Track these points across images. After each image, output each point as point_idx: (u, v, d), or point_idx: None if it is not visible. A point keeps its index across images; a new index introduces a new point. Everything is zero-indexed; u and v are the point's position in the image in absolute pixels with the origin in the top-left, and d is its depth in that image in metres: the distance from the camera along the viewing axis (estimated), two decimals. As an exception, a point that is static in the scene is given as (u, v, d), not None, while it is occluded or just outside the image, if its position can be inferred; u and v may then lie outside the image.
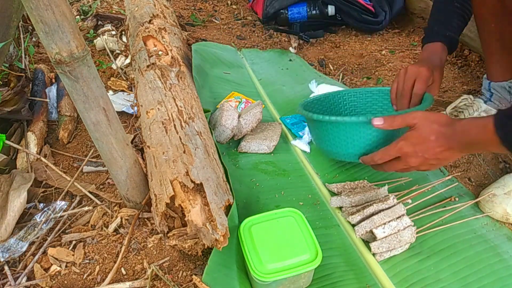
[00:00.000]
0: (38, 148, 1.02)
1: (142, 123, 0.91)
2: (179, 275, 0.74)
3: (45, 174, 0.95)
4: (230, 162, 1.00)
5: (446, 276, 0.74)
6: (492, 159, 1.03)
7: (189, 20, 1.82)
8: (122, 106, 1.19)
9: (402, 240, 0.76)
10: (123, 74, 1.37)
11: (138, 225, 0.83)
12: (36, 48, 1.44)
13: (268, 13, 1.74)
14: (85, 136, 1.11)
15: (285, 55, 1.58)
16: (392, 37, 1.71)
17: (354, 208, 0.83)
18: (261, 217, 0.73)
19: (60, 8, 0.55)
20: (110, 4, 1.80)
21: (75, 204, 0.89)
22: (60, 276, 0.74)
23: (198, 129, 0.87)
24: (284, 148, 1.07)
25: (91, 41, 1.55)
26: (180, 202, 0.69)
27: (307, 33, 1.69)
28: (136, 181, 0.81)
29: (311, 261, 0.66)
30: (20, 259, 0.78)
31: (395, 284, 0.73)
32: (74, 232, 0.83)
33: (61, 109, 1.14)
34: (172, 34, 1.23)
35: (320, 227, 0.84)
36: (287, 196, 0.91)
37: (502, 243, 0.80)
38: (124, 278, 0.74)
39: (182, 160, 0.75)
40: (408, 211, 0.80)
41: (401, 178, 0.94)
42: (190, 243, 0.72)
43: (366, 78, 1.43)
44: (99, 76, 0.66)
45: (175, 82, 0.99)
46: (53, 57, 0.59)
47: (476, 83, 1.36)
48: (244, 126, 1.04)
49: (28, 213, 0.86)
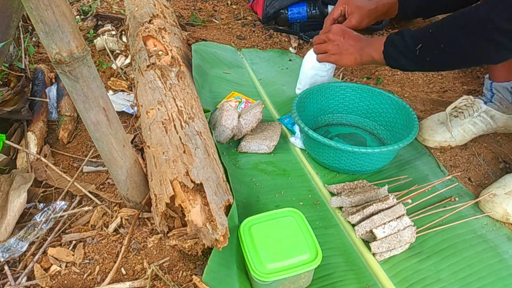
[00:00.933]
0: (38, 148, 1.02)
1: (142, 123, 0.91)
2: (179, 275, 0.74)
3: (45, 174, 0.95)
4: (230, 162, 1.00)
5: (446, 276, 0.74)
6: (492, 159, 1.03)
7: (189, 20, 1.82)
8: (122, 106, 1.19)
9: (402, 240, 0.76)
10: (123, 74, 1.37)
11: (138, 225, 0.83)
12: (36, 48, 1.44)
13: (268, 13, 1.73)
14: (85, 136, 1.11)
15: (285, 55, 1.58)
16: (392, 37, 1.71)
17: (354, 208, 0.83)
18: (261, 217, 0.73)
19: (60, 8, 0.55)
20: (110, 4, 1.80)
21: (75, 204, 0.89)
22: (60, 276, 0.74)
23: (198, 129, 0.87)
24: (284, 148, 1.07)
25: (91, 41, 1.54)
26: (180, 202, 0.69)
27: (307, 33, 1.69)
28: (136, 181, 0.81)
29: (311, 261, 0.66)
30: (20, 259, 0.78)
31: (395, 284, 0.73)
32: (74, 232, 0.83)
33: (61, 109, 1.14)
34: (172, 34, 1.23)
35: (320, 227, 0.84)
36: (287, 196, 0.91)
37: (502, 243, 0.80)
38: (124, 278, 0.74)
39: (182, 160, 0.75)
40: (408, 211, 0.80)
41: (400, 177, 0.94)
42: (190, 243, 0.72)
43: (366, 78, 1.43)
44: (99, 76, 0.66)
45: (175, 82, 0.99)
46: (53, 57, 0.59)
47: (476, 83, 1.36)
48: (244, 126, 1.04)
49: (28, 213, 0.86)
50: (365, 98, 1.10)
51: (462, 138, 1.06)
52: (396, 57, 0.89)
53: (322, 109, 1.12)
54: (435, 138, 1.06)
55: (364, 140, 1.09)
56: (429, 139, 1.07)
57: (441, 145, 1.06)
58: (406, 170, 0.98)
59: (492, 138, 1.09)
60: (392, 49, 0.89)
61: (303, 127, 0.92)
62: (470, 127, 1.05)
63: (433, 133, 1.07)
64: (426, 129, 1.09)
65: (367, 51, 0.95)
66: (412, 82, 1.37)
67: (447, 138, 1.05)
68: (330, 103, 1.12)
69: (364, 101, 1.10)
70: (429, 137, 1.07)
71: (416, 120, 0.94)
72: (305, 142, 1.01)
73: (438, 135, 1.06)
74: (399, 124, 1.02)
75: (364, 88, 1.09)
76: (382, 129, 1.08)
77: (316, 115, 1.11)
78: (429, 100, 1.28)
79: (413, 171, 0.97)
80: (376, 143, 1.08)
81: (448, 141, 1.05)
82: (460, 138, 1.05)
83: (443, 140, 1.06)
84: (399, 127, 1.01)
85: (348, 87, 1.10)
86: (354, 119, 1.14)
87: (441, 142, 1.06)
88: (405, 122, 0.99)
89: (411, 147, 1.05)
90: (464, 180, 0.97)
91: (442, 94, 1.32)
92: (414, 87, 1.34)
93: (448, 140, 1.05)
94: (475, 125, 1.05)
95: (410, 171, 0.97)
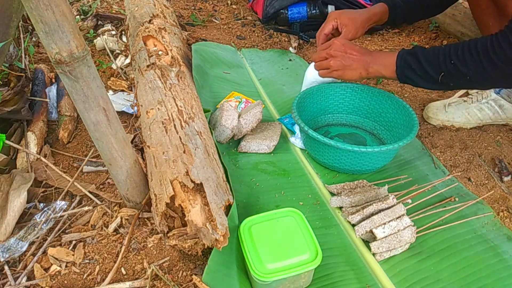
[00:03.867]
0: (38, 148, 1.02)
1: (142, 123, 0.91)
2: (179, 275, 0.74)
3: (45, 174, 0.95)
4: (230, 162, 1.00)
5: (446, 276, 0.74)
6: (492, 159, 1.03)
7: (189, 20, 1.82)
8: (122, 106, 1.19)
9: (402, 240, 0.76)
10: (123, 74, 1.37)
11: (138, 225, 0.83)
12: (36, 48, 1.44)
13: (268, 13, 1.73)
14: (85, 136, 1.11)
15: (285, 55, 1.58)
16: (392, 37, 1.71)
17: (354, 208, 0.83)
18: (261, 217, 0.73)
19: (60, 8, 0.55)
20: (110, 4, 1.80)
21: (75, 204, 0.89)
22: (60, 276, 0.74)
23: (198, 129, 0.87)
24: (284, 148, 1.07)
25: (91, 41, 1.54)
26: (180, 202, 0.69)
27: (307, 33, 1.69)
28: (136, 181, 0.81)
29: (311, 261, 0.66)
30: (20, 259, 0.78)
31: (395, 284, 0.73)
32: (74, 232, 0.83)
33: (61, 109, 1.14)
34: (172, 34, 1.23)
35: (320, 227, 0.84)
36: (287, 196, 0.91)
37: (502, 243, 0.80)
38: (124, 278, 0.74)
39: (182, 160, 0.75)
40: (408, 211, 0.80)
41: (400, 177, 0.94)
42: (190, 243, 0.72)
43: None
44: (99, 76, 0.66)
45: (175, 82, 0.99)
46: (53, 57, 0.59)
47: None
48: (244, 126, 1.04)
49: (28, 213, 0.86)
50: (365, 98, 1.10)
51: (466, 120, 1.07)
52: (414, 79, 0.89)
53: (322, 109, 1.12)
54: (439, 116, 1.08)
55: (364, 140, 1.09)
56: (433, 117, 1.09)
57: (444, 124, 1.08)
58: (406, 170, 0.98)
59: (492, 138, 1.09)
60: (409, 71, 0.88)
61: (303, 126, 0.92)
62: (475, 111, 1.07)
63: (438, 112, 1.09)
64: (432, 108, 1.12)
65: (375, 68, 0.94)
66: (412, 82, 1.37)
67: (450, 118, 1.07)
68: (330, 103, 1.12)
69: (364, 101, 1.10)
70: (433, 115, 1.09)
71: (416, 120, 0.94)
72: (305, 142, 1.01)
73: (442, 114, 1.08)
74: (399, 124, 1.02)
75: (364, 88, 1.09)
76: (382, 129, 1.08)
77: (316, 115, 1.11)
78: (429, 100, 1.28)
79: (413, 171, 0.97)
80: (376, 143, 1.08)
81: (451, 121, 1.07)
82: (464, 120, 1.07)
83: (446, 119, 1.08)
84: (399, 127, 1.01)
85: (348, 87, 1.10)
86: (354, 119, 1.14)
87: (444, 121, 1.08)
88: (405, 122, 0.99)
89: (411, 147, 1.05)
90: (464, 180, 0.97)
91: (442, 94, 1.32)
92: (414, 87, 1.33)
93: (451, 120, 1.07)
94: (481, 111, 1.07)
95: (410, 171, 0.97)
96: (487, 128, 1.12)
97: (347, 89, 1.11)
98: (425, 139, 1.10)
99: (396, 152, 0.96)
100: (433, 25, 1.69)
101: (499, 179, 0.97)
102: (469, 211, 0.86)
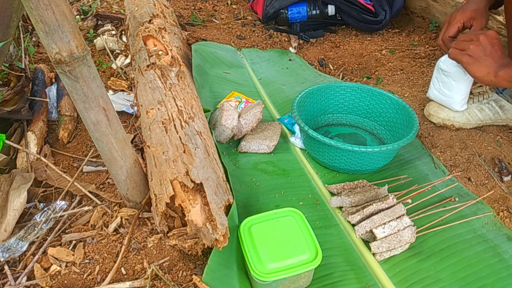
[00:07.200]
0: (38, 148, 1.02)
1: (142, 123, 0.91)
2: (179, 275, 0.74)
3: (45, 174, 0.95)
4: (230, 162, 1.00)
5: (446, 276, 0.74)
6: (492, 159, 1.03)
7: (189, 20, 1.82)
8: (122, 106, 1.19)
9: (402, 240, 0.76)
10: (123, 74, 1.36)
11: (138, 225, 0.83)
12: (36, 48, 1.44)
13: (268, 13, 1.73)
14: (85, 136, 1.11)
15: (285, 55, 1.58)
16: (392, 37, 1.71)
17: (354, 208, 0.83)
18: (261, 217, 0.73)
19: (60, 8, 0.55)
20: (110, 4, 1.80)
21: (75, 204, 0.89)
22: (60, 276, 0.74)
23: (198, 129, 0.87)
24: (284, 148, 1.07)
25: (91, 41, 1.54)
26: (180, 202, 0.69)
27: (307, 33, 1.69)
28: (136, 181, 0.81)
29: (311, 260, 0.66)
30: (20, 259, 0.78)
31: (395, 284, 0.73)
32: (74, 232, 0.83)
33: (61, 109, 1.14)
34: (172, 34, 1.23)
35: (320, 227, 0.84)
36: (287, 196, 0.91)
37: (502, 243, 0.80)
38: (124, 278, 0.74)
39: (182, 160, 0.75)
40: (408, 211, 0.80)
41: (400, 177, 0.94)
42: (190, 243, 0.72)
43: (366, 77, 1.43)
44: (99, 76, 0.66)
45: (175, 82, 0.99)
46: (53, 57, 0.59)
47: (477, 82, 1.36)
48: (244, 126, 1.04)
49: (28, 213, 0.86)
50: (365, 98, 1.10)
51: (466, 121, 1.07)
52: None
53: (322, 109, 1.12)
54: (440, 114, 1.09)
55: (364, 140, 1.09)
56: (434, 114, 1.10)
57: (444, 122, 1.09)
58: (406, 170, 0.98)
59: (492, 138, 1.09)
60: None
61: (303, 126, 0.92)
62: (476, 112, 1.07)
63: (439, 110, 1.09)
64: (433, 106, 1.12)
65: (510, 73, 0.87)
66: (412, 82, 1.37)
67: (451, 117, 1.07)
68: (330, 103, 1.12)
69: (364, 101, 1.10)
70: (434, 113, 1.10)
71: (416, 120, 0.94)
72: (305, 141, 1.01)
73: (443, 112, 1.08)
74: (399, 124, 1.02)
75: (364, 88, 1.09)
76: (382, 129, 1.08)
77: (316, 115, 1.11)
78: (429, 100, 1.28)
79: (413, 171, 0.97)
80: (376, 143, 1.08)
81: (451, 120, 1.08)
82: (464, 120, 1.07)
83: (447, 118, 1.08)
84: (399, 127, 1.01)
85: (348, 87, 1.10)
86: (354, 119, 1.14)
87: (445, 119, 1.08)
88: (405, 122, 0.99)
89: (411, 146, 1.05)
90: (464, 180, 0.97)
91: (442, 94, 1.31)
92: (414, 87, 1.33)
93: (451, 119, 1.07)
94: (482, 111, 1.07)
95: (410, 171, 0.97)
96: (487, 128, 1.12)
97: (347, 89, 1.11)
98: (425, 139, 1.10)
99: (396, 152, 0.96)
100: (433, 25, 1.69)
101: (499, 179, 0.97)
102: (469, 211, 0.86)
